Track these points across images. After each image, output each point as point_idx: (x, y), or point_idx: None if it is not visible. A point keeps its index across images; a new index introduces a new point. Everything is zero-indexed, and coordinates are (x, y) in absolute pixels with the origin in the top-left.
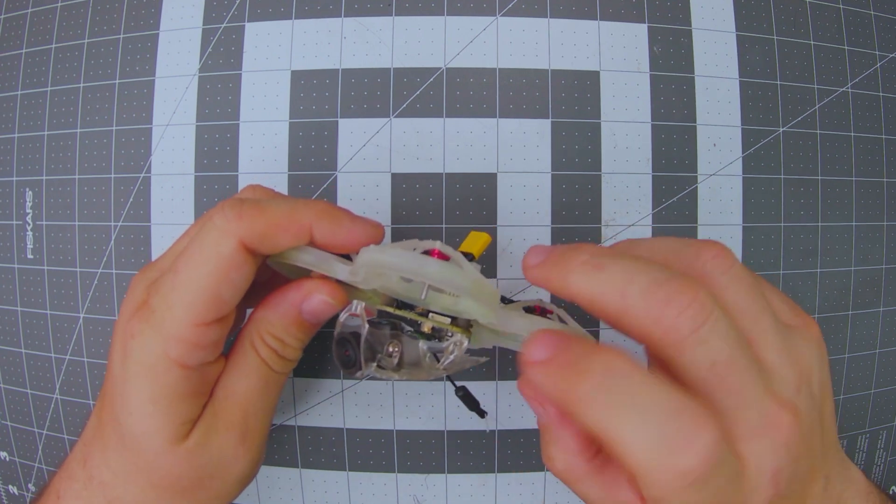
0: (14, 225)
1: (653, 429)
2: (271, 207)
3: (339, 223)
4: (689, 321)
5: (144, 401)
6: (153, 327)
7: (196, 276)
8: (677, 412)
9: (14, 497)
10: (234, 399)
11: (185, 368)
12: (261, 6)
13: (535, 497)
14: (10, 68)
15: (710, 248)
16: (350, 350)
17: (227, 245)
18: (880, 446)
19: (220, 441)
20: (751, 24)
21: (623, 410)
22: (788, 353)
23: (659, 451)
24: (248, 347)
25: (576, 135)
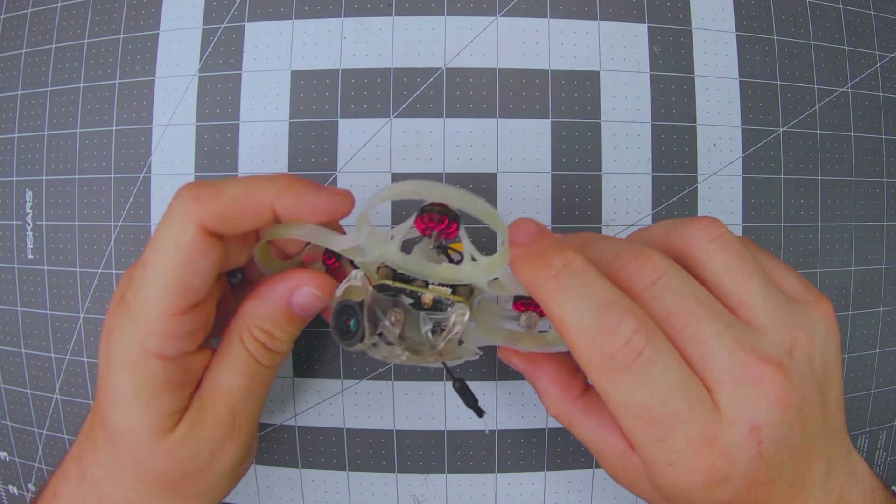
0: (14, 225)
1: (587, 313)
2: (229, 188)
3: (300, 197)
4: (641, 279)
5: (127, 395)
6: (129, 321)
7: (162, 266)
8: (610, 304)
9: (14, 497)
10: (220, 393)
11: (164, 359)
12: (261, 6)
13: (535, 497)
14: (10, 68)
15: (699, 220)
16: (351, 319)
17: (187, 232)
18: (880, 446)
19: (206, 434)
20: (751, 24)
21: (569, 297)
22: (782, 318)
23: (588, 331)
24: (236, 341)
25: (576, 135)
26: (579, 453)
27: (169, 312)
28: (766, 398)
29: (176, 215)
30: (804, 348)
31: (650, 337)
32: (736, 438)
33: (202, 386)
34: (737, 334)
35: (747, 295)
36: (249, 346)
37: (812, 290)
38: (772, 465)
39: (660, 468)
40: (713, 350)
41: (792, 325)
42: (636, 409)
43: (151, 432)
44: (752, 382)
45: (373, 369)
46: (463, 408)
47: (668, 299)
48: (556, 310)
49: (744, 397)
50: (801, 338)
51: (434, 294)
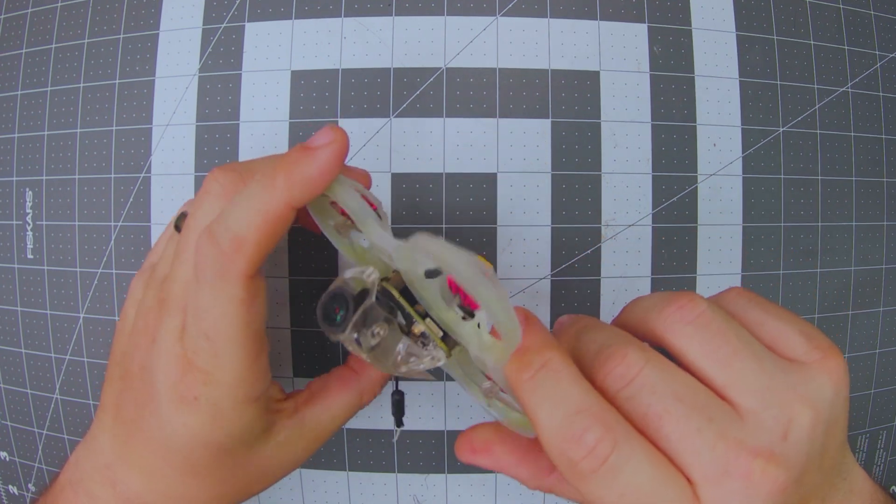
0: (14, 225)
1: (556, 420)
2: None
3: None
4: (615, 381)
5: (222, 441)
6: (216, 387)
7: (229, 335)
8: (579, 411)
9: (14, 497)
10: (325, 429)
11: (256, 400)
12: (261, 6)
13: (534, 497)
14: (10, 68)
15: (675, 300)
16: (341, 309)
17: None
18: (880, 446)
19: (297, 454)
20: (751, 24)
21: (542, 400)
22: (775, 395)
23: (556, 437)
24: (356, 398)
25: (576, 135)
26: None
27: (250, 363)
28: (757, 492)
29: (215, 280)
30: (803, 426)
31: (617, 443)
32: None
33: (306, 419)
34: (720, 428)
35: (732, 377)
36: (367, 402)
37: (818, 345)
38: None
39: None
40: (693, 448)
41: (788, 402)
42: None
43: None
44: (740, 477)
45: None
46: (463, 408)
47: (642, 400)
48: (529, 411)
49: (730, 493)
50: (799, 414)
51: (425, 329)
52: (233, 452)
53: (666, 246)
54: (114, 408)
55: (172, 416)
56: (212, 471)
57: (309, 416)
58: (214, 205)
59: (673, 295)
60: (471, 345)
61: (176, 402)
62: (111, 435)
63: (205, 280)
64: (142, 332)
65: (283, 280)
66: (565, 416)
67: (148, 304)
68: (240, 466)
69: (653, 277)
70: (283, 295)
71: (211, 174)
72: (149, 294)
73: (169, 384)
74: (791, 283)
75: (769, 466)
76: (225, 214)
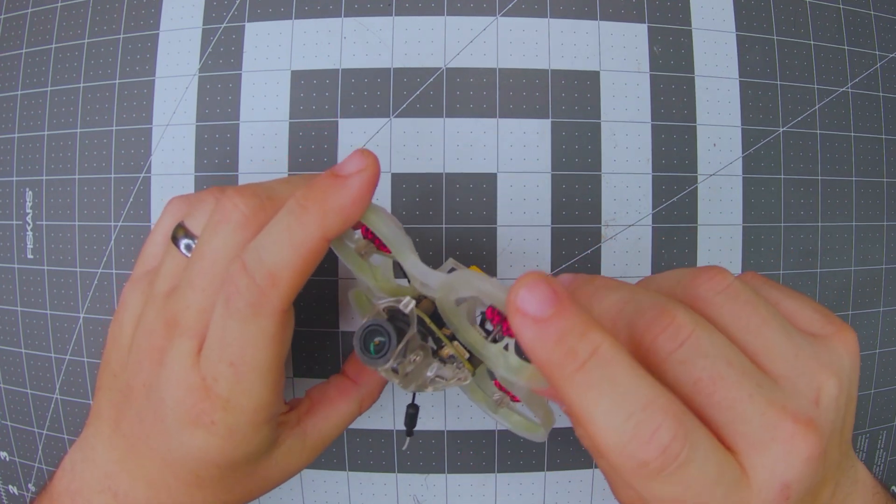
0: (14, 225)
1: (620, 418)
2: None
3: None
4: (666, 343)
5: (235, 460)
6: (235, 414)
7: (257, 365)
8: (646, 406)
9: (14, 497)
10: (325, 439)
11: (272, 421)
12: (261, 6)
13: (534, 497)
14: (10, 68)
15: (705, 272)
16: (383, 340)
17: (268, 325)
18: (880, 446)
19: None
20: (751, 24)
21: (599, 397)
22: (804, 362)
23: (621, 438)
24: (356, 406)
25: (576, 135)
26: (579, 453)
27: (272, 390)
28: (797, 456)
29: (249, 315)
30: (831, 394)
31: (689, 437)
32: (766, 500)
33: (307, 429)
34: (767, 394)
35: (765, 344)
36: (365, 409)
37: (833, 321)
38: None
39: None
40: (744, 415)
41: (816, 370)
42: (670, 502)
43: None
44: (784, 442)
45: None
46: (463, 408)
47: (695, 364)
48: (582, 410)
49: (775, 459)
50: (826, 382)
51: (453, 351)
52: (241, 467)
53: (666, 246)
54: (113, 420)
55: (184, 437)
56: (218, 483)
57: (311, 426)
58: (237, 235)
59: (701, 268)
60: (497, 366)
61: (189, 425)
62: (110, 445)
63: (236, 312)
64: (146, 351)
65: None
66: (630, 413)
67: (151, 324)
68: (246, 477)
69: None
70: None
71: (230, 200)
72: (150, 312)
73: (181, 407)
74: (791, 283)
75: (809, 432)
76: (258, 248)
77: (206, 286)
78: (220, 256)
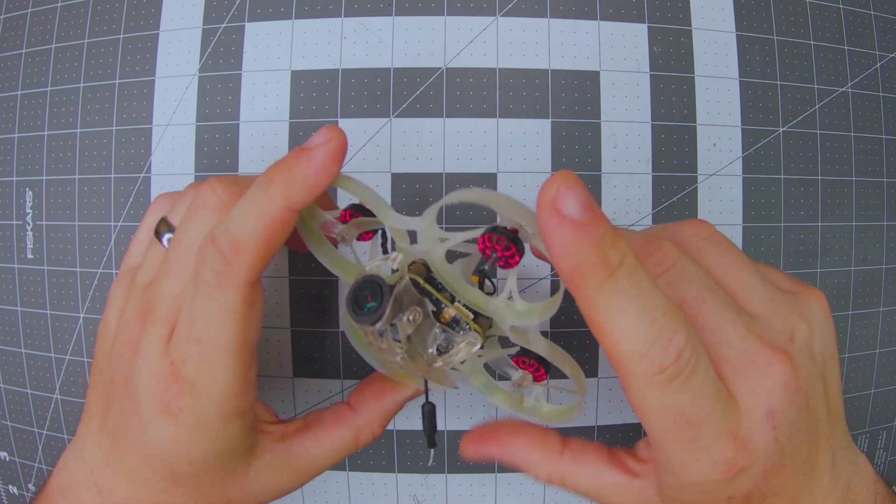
0: (14, 225)
1: (644, 323)
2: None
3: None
4: (653, 266)
5: (206, 455)
6: (201, 399)
7: (222, 341)
8: (665, 313)
9: (14, 497)
10: (314, 465)
11: (241, 416)
12: (261, 6)
13: (534, 497)
14: (10, 68)
15: (689, 221)
16: (373, 297)
17: (233, 298)
18: (880, 446)
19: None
20: (751, 24)
21: (628, 303)
22: (779, 306)
23: (643, 344)
24: (352, 437)
25: (576, 135)
26: None
27: (238, 375)
28: (776, 383)
29: (214, 286)
30: (804, 335)
31: (696, 346)
32: (754, 425)
33: (294, 450)
34: (745, 321)
35: (742, 286)
36: (363, 440)
37: (802, 283)
38: (786, 450)
39: (683, 468)
40: (727, 338)
41: (789, 313)
42: (675, 415)
43: (226, 470)
44: (762, 367)
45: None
46: (463, 408)
47: (681, 286)
48: (608, 317)
49: (756, 383)
50: (799, 325)
51: (456, 313)
52: (215, 467)
53: None
54: (99, 416)
55: (155, 427)
56: (194, 483)
57: (297, 446)
58: (213, 219)
59: (684, 220)
60: (505, 318)
61: (160, 414)
62: (96, 441)
63: (203, 284)
64: (125, 343)
65: (283, 280)
66: (653, 320)
67: (129, 315)
68: (222, 482)
69: None
70: (284, 295)
71: (209, 185)
72: (130, 304)
73: (152, 396)
74: None
75: (786, 360)
76: (226, 221)
77: (181, 270)
78: (196, 241)
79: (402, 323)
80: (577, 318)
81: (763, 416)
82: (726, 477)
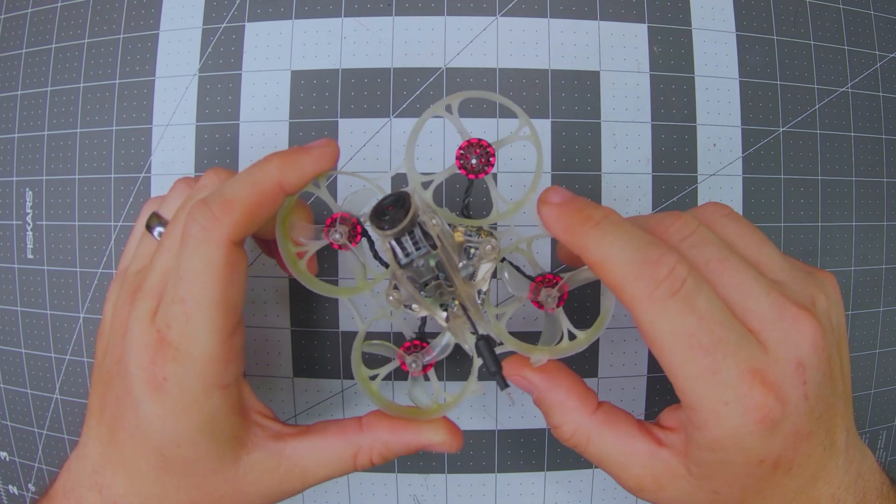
0: (14, 225)
1: (630, 251)
2: (236, 192)
3: (299, 164)
4: (676, 233)
5: (192, 433)
6: (184, 364)
7: (205, 297)
8: (651, 243)
9: (14, 497)
10: (305, 475)
11: (224, 388)
12: (261, 6)
13: (535, 497)
14: (10, 68)
15: (709, 203)
16: (394, 206)
17: (217, 254)
18: (880, 446)
19: (271, 488)
20: (751, 24)
21: (613, 239)
22: (798, 276)
23: (633, 265)
24: (350, 454)
25: (576, 135)
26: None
27: (222, 339)
28: (805, 338)
29: (199, 241)
30: (823, 304)
31: (690, 269)
32: (785, 374)
33: (287, 454)
34: (768, 283)
35: (763, 256)
36: (361, 463)
37: (815, 267)
38: (814, 413)
39: (712, 414)
40: (753, 292)
41: (808, 284)
42: (685, 338)
43: (215, 458)
44: (791, 322)
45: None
46: (463, 408)
47: (704, 249)
48: (599, 252)
49: (786, 335)
50: (818, 294)
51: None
52: (204, 453)
53: None
54: (98, 411)
55: (144, 405)
56: (185, 470)
57: (291, 449)
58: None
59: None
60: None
61: (147, 389)
62: (97, 438)
63: (189, 239)
64: (117, 328)
65: (282, 280)
66: (640, 245)
67: (122, 300)
68: (212, 472)
69: None
70: (283, 295)
71: (212, 170)
72: (122, 291)
73: (141, 370)
74: None
75: (812, 319)
76: (220, 187)
77: (173, 245)
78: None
79: (430, 225)
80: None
81: (793, 368)
82: (760, 428)
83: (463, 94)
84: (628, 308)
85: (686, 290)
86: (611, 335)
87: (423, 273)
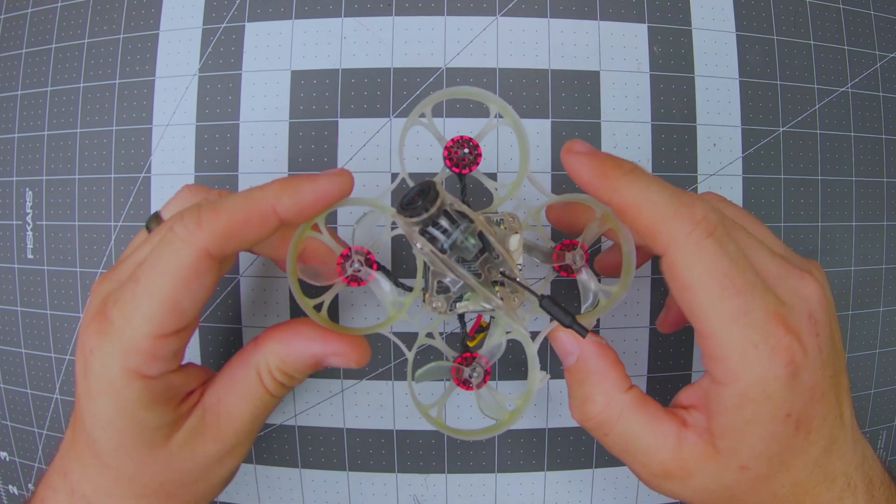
0: (14, 225)
1: (666, 194)
2: (228, 204)
3: (298, 191)
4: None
5: (111, 416)
6: (111, 340)
7: (156, 286)
8: (683, 191)
9: (14, 497)
10: (228, 418)
11: (146, 379)
12: (261, 6)
13: (534, 497)
14: (10, 68)
15: (706, 192)
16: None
17: (187, 254)
18: (880, 446)
19: (207, 450)
20: (751, 24)
21: (648, 184)
22: (793, 254)
23: (671, 206)
24: (254, 376)
25: (576, 135)
26: (579, 453)
27: (156, 333)
28: (812, 293)
29: (178, 238)
30: (819, 277)
31: (719, 216)
32: (800, 322)
33: (206, 405)
34: (772, 252)
35: (764, 234)
36: (268, 384)
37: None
38: (826, 371)
39: (741, 359)
40: (759, 256)
41: (802, 262)
42: (720, 277)
43: (143, 446)
44: (797, 279)
45: (373, 369)
46: (463, 408)
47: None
48: (634, 195)
49: (796, 289)
50: (813, 269)
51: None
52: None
53: None
54: (72, 414)
55: (78, 380)
56: (117, 461)
57: (206, 397)
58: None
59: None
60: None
61: (79, 360)
62: (68, 441)
63: (169, 235)
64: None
65: (282, 280)
66: (674, 191)
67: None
68: (143, 460)
69: (653, 277)
70: (283, 295)
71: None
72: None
73: (82, 345)
74: None
75: (815, 281)
76: (217, 199)
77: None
78: None
79: (458, 203)
80: None
81: (806, 317)
82: (786, 373)
83: (432, 98)
84: (661, 250)
85: (719, 234)
86: (611, 335)
87: (468, 251)
